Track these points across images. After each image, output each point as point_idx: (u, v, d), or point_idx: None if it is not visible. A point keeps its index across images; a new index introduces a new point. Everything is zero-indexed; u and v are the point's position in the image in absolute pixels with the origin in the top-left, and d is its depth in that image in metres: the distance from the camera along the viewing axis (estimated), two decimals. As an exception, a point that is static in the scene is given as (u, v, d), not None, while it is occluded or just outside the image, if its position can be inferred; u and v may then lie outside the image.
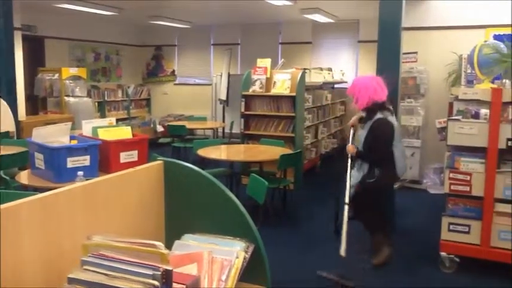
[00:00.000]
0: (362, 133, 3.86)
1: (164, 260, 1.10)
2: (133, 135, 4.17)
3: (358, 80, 3.89)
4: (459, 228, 3.70)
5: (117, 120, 7.67)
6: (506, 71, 3.70)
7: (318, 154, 7.58)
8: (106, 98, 9.81)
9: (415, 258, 4.09)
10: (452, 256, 3.77)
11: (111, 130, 4.09)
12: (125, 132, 4.11)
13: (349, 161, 3.86)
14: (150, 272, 1.01)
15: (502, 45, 3.81)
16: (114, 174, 1.65)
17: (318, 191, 6.27)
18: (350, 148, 3.88)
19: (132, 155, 3.97)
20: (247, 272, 1.62)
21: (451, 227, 3.73)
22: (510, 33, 5.93)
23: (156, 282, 0.99)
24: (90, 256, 1.14)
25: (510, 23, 6.00)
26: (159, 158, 1.88)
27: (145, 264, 1.03)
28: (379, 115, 3.72)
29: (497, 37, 5.96)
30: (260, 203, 4.13)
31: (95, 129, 4.02)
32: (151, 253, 1.12)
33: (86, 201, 1.47)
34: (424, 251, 4.18)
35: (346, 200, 3.64)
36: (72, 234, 1.37)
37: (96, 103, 9.33)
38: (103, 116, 9.14)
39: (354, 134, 4.08)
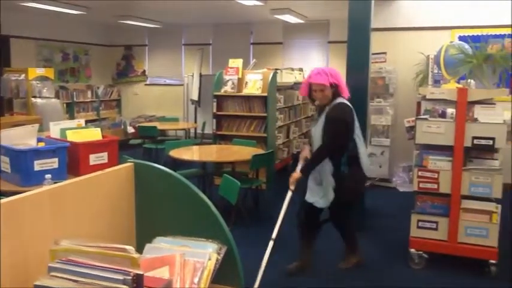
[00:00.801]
0: (317, 128, 3.47)
1: (135, 264, 1.09)
2: (103, 136, 4.10)
3: (330, 69, 3.51)
4: (427, 225, 3.79)
5: (87, 121, 7.55)
6: (471, 71, 3.81)
7: (290, 154, 7.62)
8: (75, 99, 9.62)
9: (385, 255, 4.16)
10: (421, 252, 3.86)
11: (80, 132, 4.00)
12: (94, 134, 4.04)
13: (289, 193, 3.54)
14: (120, 277, 0.99)
15: (466, 46, 3.92)
16: (83, 177, 1.62)
17: (290, 190, 6.30)
18: (295, 175, 3.54)
19: (102, 157, 3.90)
20: (220, 274, 1.62)
21: (420, 224, 3.82)
22: (474, 34, 6.12)
23: (126, 287, 0.98)
24: (57, 262, 1.11)
25: (474, 25, 6.19)
26: (129, 160, 1.86)
27: (115, 269, 1.02)
28: (339, 99, 3.44)
29: (462, 38, 6.12)
30: (233, 204, 4.13)
31: (63, 131, 3.93)
32: (121, 257, 1.11)
33: (54, 205, 1.43)
34: (393, 248, 4.26)
35: (274, 235, 3.37)
36: (39, 240, 1.33)
37: (65, 104, 9.12)
38: (72, 117, 8.96)
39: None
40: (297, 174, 3.51)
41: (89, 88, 10.23)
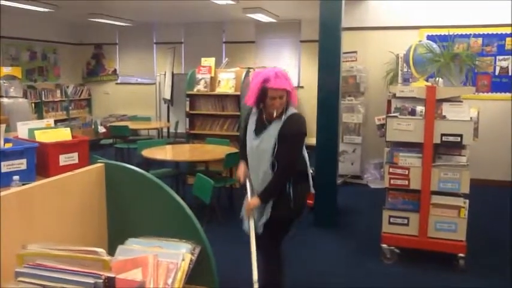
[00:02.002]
0: (263, 143, 2.82)
1: (106, 266, 1.07)
2: (73, 136, 4.01)
3: (283, 70, 2.85)
4: (399, 220, 3.86)
5: (56, 121, 7.39)
6: (439, 70, 3.89)
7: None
8: (43, 99, 9.39)
9: (358, 251, 4.22)
10: (392, 248, 3.93)
11: (49, 132, 3.91)
12: (64, 134, 3.95)
13: (251, 223, 2.89)
14: (91, 281, 0.97)
15: (434, 45, 4.01)
16: (51, 179, 1.58)
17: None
18: (253, 202, 2.85)
19: (72, 158, 3.82)
20: (195, 274, 1.61)
21: (391, 219, 3.89)
22: (442, 33, 6.26)
23: (97, 291, 0.96)
24: (25, 267, 1.08)
25: (442, 24, 6.34)
26: (99, 161, 1.83)
27: (86, 272, 1.00)
28: (291, 109, 2.86)
29: (430, 37, 6.26)
30: (207, 203, 4.11)
31: (31, 131, 3.83)
32: (92, 260, 1.09)
33: (22, 208, 1.40)
34: (365, 244, 4.32)
35: (255, 277, 2.70)
36: (7, 244, 1.29)
37: (33, 104, 8.90)
38: (40, 117, 8.74)
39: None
40: (255, 201, 2.84)
41: (58, 87, 10.01)
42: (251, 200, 2.87)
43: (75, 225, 1.64)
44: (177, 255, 1.50)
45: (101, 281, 0.97)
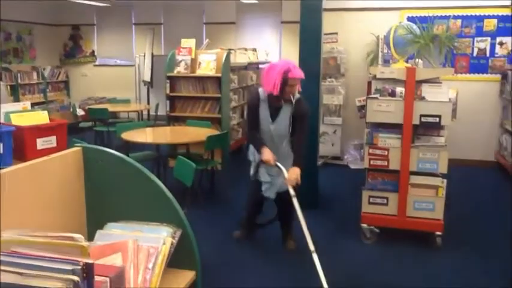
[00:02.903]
0: (281, 124, 3.52)
1: (84, 253, 1.06)
2: (50, 120, 3.94)
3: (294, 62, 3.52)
4: (378, 200, 3.92)
5: (33, 104, 7.21)
6: (419, 51, 3.91)
7: (245, 134, 7.63)
8: (19, 81, 9.16)
9: (338, 231, 4.28)
10: (372, 227, 3.99)
11: (26, 115, 3.83)
12: (41, 117, 3.87)
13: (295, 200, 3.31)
14: (69, 267, 0.96)
15: (414, 26, 4.02)
16: (28, 163, 1.55)
17: (245, 170, 6.31)
18: (297, 172, 3.38)
19: (50, 141, 3.76)
20: (176, 258, 1.61)
21: (371, 199, 3.94)
22: (422, 15, 6.28)
23: (75, 278, 0.95)
24: (0, 254, 1.06)
25: (422, 6, 6.35)
26: (77, 145, 1.80)
27: (63, 259, 0.98)
28: (297, 94, 3.53)
29: (410, 19, 6.28)
30: (188, 186, 4.10)
31: (7, 115, 3.75)
32: (70, 247, 1.07)
33: (-3, 194, 1.37)
34: (346, 224, 4.38)
35: (312, 247, 3.12)
36: (-18, 231, 1.27)
37: (8, 87, 8.69)
38: (16, 100, 8.53)
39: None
40: (297, 169, 3.38)
41: (35, 69, 9.76)
42: (294, 170, 3.38)
43: (52, 210, 1.61)
44: (157, 239, 1.50)
45: (79, 267, 0.96)
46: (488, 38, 6.45)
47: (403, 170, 3.81)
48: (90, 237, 1.63)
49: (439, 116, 3.65)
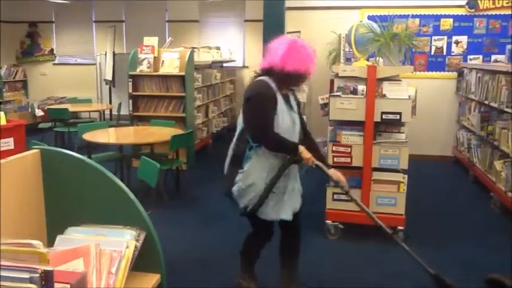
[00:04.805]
0: (295, 117, 2.85)
1: (43, 259, 1.03)
2: (7, 121, 3.82)
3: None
4: (342, 197, 3.97)
5: (-12, 105, 6.96)
6: (380, 49, 3.99)
7: (210, 133, 7.61)
8: (-27, 81, 8.81)
9: (303, 228, 4.29)
10: (336, 223, 4.05)
11: (-20, 117, 3.70)
12: (-3, 119, 3.75)
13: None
14: (26, 276, 0.93)
15: (375, 25, 4.10)
16: (-18, 168, 1.49)
17: (211, 169, 6.30)
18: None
19: (8, 143, 3.65)
20: (140, 261, 1.59)
21: (335, 196, 4.00)
22: (382, 14, 6.42)
23: (33, 286, 0.92)
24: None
25: (382, 5, 6.49)
26: (35, 147, 1.74)
27: (20, 267, 0.95)
28: None
29: (371, 18, 6.40)
30: (152, 186, 4.05)
31: (-40, 117, 3.61)
32: (28, 253, 1.04)
33: (-51, 201, 1.31)
34: (310, 221, 4.41)
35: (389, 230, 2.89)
36: None
37: (-39, 86, 8.34)
38: (-30, 100, 8.20)
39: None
40: (333, 169, 3.00)
41: (-11, 68, 9.41)
42: (332, 169, 2.95)
43: (9, 216, 1.56)
44: (120, 242, 1.47)
45: (37, 275, 0.93)
46: (445, 37, 6.66)
47: (365, 167, 3.88)
48: (50, 242, 1.59)
49: (400, 113, 3.74)
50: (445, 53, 6.70)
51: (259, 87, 2.70)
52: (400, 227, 3.92)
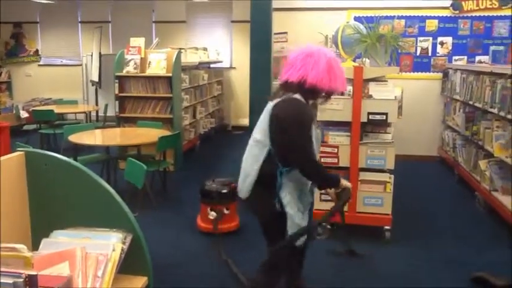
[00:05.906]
0: (318, 131, 2.82)
1: (28, 264, 1.01)
2: (-9, 123, 3.76)
3: None
4: (329, 197, 3.98)
5: (-29, 106, 6.85)
6: (366, 50, 4.02)
7: (197, 134, 7.59)
8: (-44, 82, 8.68)
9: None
10: (324, 224, 4.05)
11: (-37, 119, 3.64)
12: (-20, 121, 3.70)
13: None
14: (10, 281, 0.91)
15: (362, 26, 4.13)
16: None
17: (198, 170, 6.29)
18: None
19: (-9, 146, 3.59)
20: (127, 263, 1.57)
21: (322, 197, 3.99)
22: (368, 15, 6.47)
23: (18, 290, 0.91)
24: None
25: (368, 6, 6.54)
26: (19, 149, 1.72)
27: (4, 272, 0.94)
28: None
29: (357, 19, 6.44)
30: (139, 188, 4.03)
31: None
32: (13, 258, 1.03)
33: None
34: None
35: None
36: None
37: None
38: (-47, 102, 8.08)
39: None
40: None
41: (-27, 70, 9.28)
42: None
43: (-7, 219, 1.54)
44: (106, 245, 1.46)
45: (21, 280, 0.92)
46: (430, 38, 6.73)
47: (352, 167, 3.90)
48: (35, 246, 1.57)
49: (386, 114, 3.77)
50: (430, 54, 6.77)
51: (298, 107, 2.41)
52: (386, 227, 3.96)
